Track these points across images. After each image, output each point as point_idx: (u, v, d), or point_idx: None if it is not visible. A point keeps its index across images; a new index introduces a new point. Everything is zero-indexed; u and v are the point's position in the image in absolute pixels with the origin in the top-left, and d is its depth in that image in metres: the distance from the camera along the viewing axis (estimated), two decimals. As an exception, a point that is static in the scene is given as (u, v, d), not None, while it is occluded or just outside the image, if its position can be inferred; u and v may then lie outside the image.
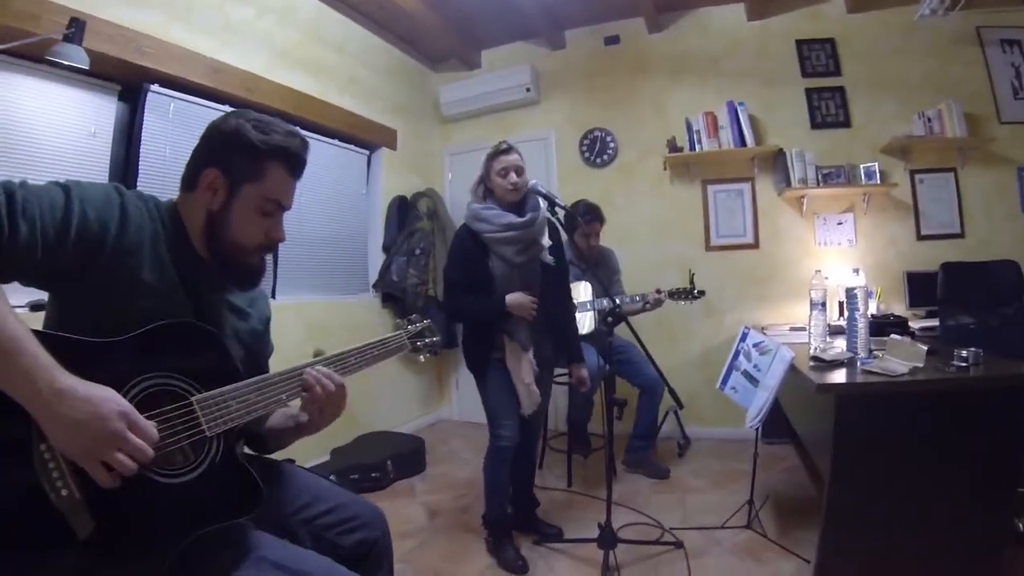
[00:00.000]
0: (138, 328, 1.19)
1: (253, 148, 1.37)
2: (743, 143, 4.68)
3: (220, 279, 1.46)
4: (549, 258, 2.95)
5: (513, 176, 2.82)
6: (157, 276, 1.29)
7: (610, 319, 2.73)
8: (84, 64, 2.59)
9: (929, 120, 4.29)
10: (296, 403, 1.49)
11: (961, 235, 4.41)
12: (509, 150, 2.90)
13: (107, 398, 1.05)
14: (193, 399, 1.22)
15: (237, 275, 1.46)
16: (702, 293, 3.85)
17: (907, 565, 2.29)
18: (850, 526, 2.31)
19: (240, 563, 1.29)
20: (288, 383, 1.40)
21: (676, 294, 3.86)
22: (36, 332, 1.04)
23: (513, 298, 2.79)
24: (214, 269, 1.43)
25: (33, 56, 2.72)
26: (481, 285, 2.84)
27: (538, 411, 3.01)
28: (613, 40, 5.32)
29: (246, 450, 1.63)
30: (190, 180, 1.41)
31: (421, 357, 1.87)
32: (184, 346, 1.26)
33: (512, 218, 2.83)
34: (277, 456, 1.70)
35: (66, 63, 2.55)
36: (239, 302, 1.56)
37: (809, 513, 3.13)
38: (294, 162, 1.44)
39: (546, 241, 2.95)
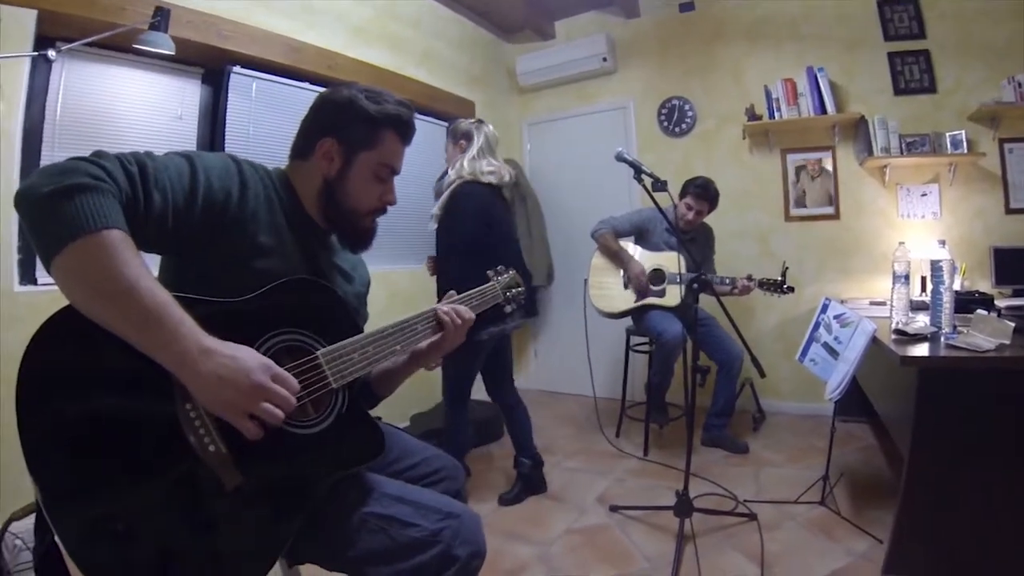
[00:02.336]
0: (257, 288, 1.26)
1: (369, 117, 1.47)
2: (823, 110, 4.56)
3: (334, 241, 1.58)
4: (431, 226, 3.20)
5: None
6: (275, 239, 1.38)
7: (695, 286, 2.75)
8: (170, 50, 2.73)
9: (1020, 85, 4.06)
10: None
11: (1054, 209, 4.20)
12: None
13: (248, 354, 1.12)
14: (318, 353, 1.30)
15: (351, 238, 1.57)
16: (791, 289, 3.74)
17: (985, 551, 2.26)
18: (927, 507, 2.29)
19: (365, 500, 1.41)
20: (402, 334, 1.48)
21: (765, 285, 3.75)
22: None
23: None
24: (325, 232, 1.55)
25: (121, 46, 2.90)
26: None
27: None
28: (688, 7, 5.23)
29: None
30: (303, 149, 1.51)
31: (508, 307, 1.92)
32: (306, 302, 1.35)
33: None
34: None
35: (153, 50, 2.68)
36: (344, 265, 1.65)
37: (883, 493, 3.13)
38: (405, 129, 1.54)
39: (434, 210, 3.17)
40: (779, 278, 3.74)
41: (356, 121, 1.47)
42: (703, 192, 4.05)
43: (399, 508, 1.42)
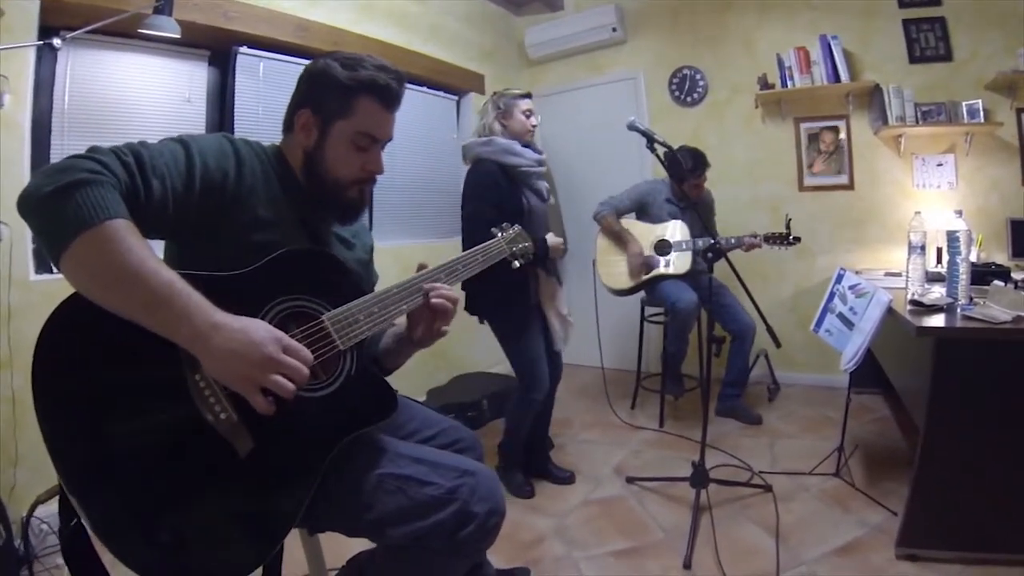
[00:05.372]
0: (260, 261, 1.28)
1: (340, 85, 1.44)
2: (837, 79, 4.48)
3: (324, 213, 1.56)
4: (552, 200, 3.07)
5: (534, 119, 2.98)
6: (273, 212, 1.39)
7: (710, 255, 2.74)
8: (176, 33, 2.73)
9: (1037, 54, 3.98)
10: (403, 322, 1.58)
11: (1072, 180, 4.13)
12: (530, 96, 3.05)
13: (259, 327, 1.13)
14: (324, 316, 1.32)
15: (337, 209, 1.55)
16: (798, 239, 3.77)
17: (1000, 524, 2.26)
18: (942, 479, 2.30)
19: (378, 462, 1.43)
20: (406, 293, 1.48)
21: (772, 239, 3.78)
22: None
23: (551, 239, 2.89)
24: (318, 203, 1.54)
25: (126, 32, 2.87)
26: (513, 221, 2.83)
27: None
28: (698, -26, 5.14)
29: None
30: (287, 123, 1.52)
31: (516, 263, 1.91)
32: (307, 270, 1.36)
33: (538, 156, 2.98)
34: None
35: (158, 34, 2.68)
36: (344, 233, 1.67)
37: (897, 466, 3.14)
38: (384, 94, 1.48)
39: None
40: (784, 231, 3.76)
41: (329, 90, 1.45)
42: (699, 163, 4.03)
43: (415, 468, 1.43)
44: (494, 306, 2.99)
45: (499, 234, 1.89)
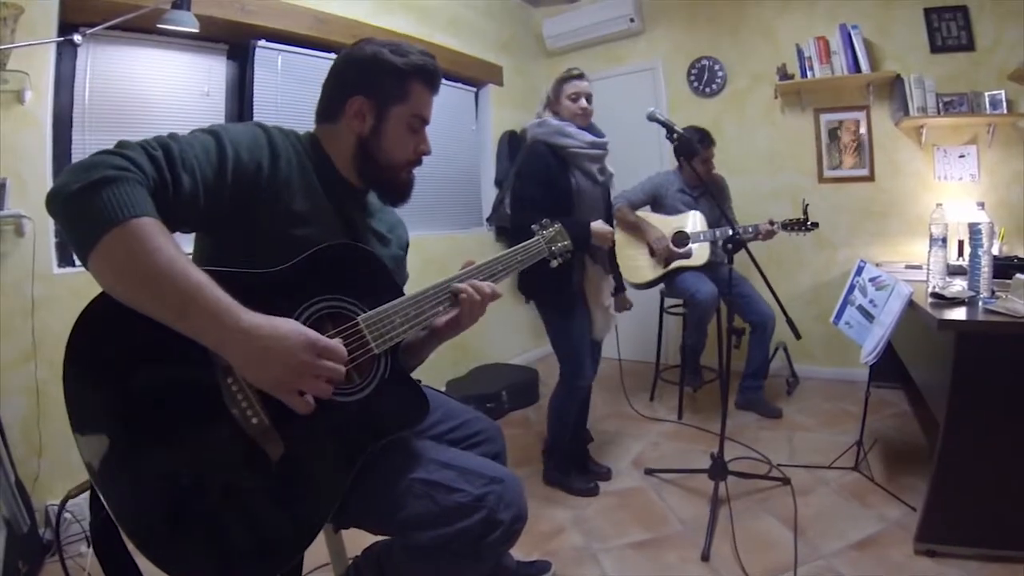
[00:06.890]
0: (296, 256, 1.26)
1: (396, 70, 1.46)
2: (857, 69, 4.44)
3: (369, 203, 1.59)
4: (615, 185, 3.07)
5: (583, 102, 2.90)
6: (310, 205, 1.38)
7: (729, 246, 2.72)
8: (194, 28, 2.73)
9: (1062, 43, 3.92)
10: None
11: (1095, 172, 4.06)
12: (581, 76, 2.93)
13: (292, 330, 1.11)
14: (359, 319, 1.31)
15: (391, 192, 1.58)
16: (815, 225, 3.74)
17: (1019, 520, 2.23)
18: (962, 474, 2.28)
19: (411, 466, 1.43)
20: (443, 294, 1.48)
21: (789, 225, 3.75)
22: (206, 271, 1.08)
23: (597, 226, 2.78)
24: (361, 194, 1.56)
25: (145, 28, 2.88)
26: (561, 204, 2.82)
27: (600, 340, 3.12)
28: (716, -37, 5.10)
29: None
30: (332, 112, 1.50)
31: (554, 262, 1.90)
32: (344, 267, 1.35)
33: (593, 136, 2.91)
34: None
35: (177, 29, 2.68)
36: (380, 228, 1.65)
37: (917, 461, 3.11)
38: (432, 78, 1.52)
39: (611, 168, 3.03)
40: (802, 216, 3.74)
41: (384, 75, 1.45)
42: (706, 137, 4.03)
43: (444, 473, 1.43)
44: (540, 287, 2.94)
45: (539, 232, 1.88)
